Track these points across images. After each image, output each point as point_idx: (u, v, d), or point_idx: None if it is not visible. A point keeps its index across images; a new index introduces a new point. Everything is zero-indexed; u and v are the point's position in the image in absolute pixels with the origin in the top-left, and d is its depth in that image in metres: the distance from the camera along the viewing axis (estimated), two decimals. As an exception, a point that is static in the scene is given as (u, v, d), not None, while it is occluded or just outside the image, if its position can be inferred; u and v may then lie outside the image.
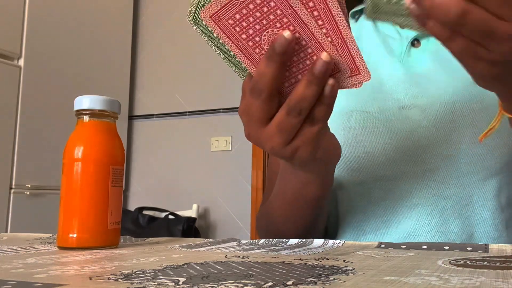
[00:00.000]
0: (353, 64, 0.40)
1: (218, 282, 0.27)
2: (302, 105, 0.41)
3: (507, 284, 0.26)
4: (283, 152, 0.45)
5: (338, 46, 0.40)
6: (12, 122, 2.19)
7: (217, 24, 0.40)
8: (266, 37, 0.40)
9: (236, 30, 0.40)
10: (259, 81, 0.41)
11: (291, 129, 0.42)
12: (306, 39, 0.40)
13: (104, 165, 0.48)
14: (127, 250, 0.46)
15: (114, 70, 2.79)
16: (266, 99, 0.42)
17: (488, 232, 0.59)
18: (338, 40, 0.39)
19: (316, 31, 0.39)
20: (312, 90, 0.40)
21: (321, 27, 0.39)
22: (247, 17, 0.39)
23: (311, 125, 0.43)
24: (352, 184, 0.64)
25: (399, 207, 0.61)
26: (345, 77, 0.42)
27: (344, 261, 0.36)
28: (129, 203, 2.91)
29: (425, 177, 0.60)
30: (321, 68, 0.39)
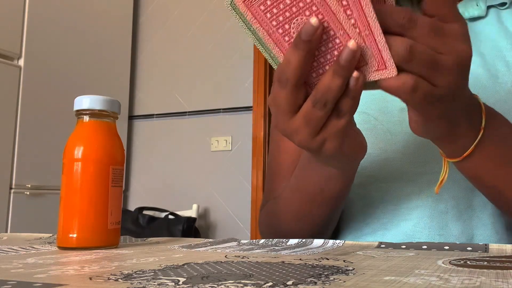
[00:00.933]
0: (380, 57, 0.40)
1: (218, 282, 0.27)
2: (328, 97, 0.40)
3: (507, 284, 0.26)
4: (310, 144, 0.44)
5: (366, 38, 0.39)
6: (12, 122, 2.19)
7: (249, 9, 0.40)
8: (295, 25, 0.40)
9: (267, 16, 0.40)
10: (285, 70, 0.40)
11: (317, 121, 0.42)
12: (334, 29, 0.39)
13: (104, 165, 0.48)
14: (127, 250, 0.46)
15: (114, 70, 2.79)
16: (292, 89, 0.41)
17: (489, 235, 0.59)
18: (366, 31, 0.39)
19: (344, 21, 0.39)
20: (338, 81, 0.39)
21: (349, 17, 0.38)
22: (278, 3, 0.39)
23: (337, 118, 0.42)
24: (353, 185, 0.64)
25: (398, 209, 0.61)
26: (372, 70, 0.41)
27: (344, 261, 0.36)
28: (129, 203, 2.91)
29: (425, 179, 0.60)
30: (347, 57, 0.38)
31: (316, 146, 0.44)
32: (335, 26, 0.39)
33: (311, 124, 0.42)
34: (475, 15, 0.64)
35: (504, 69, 0.61)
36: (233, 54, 2.72)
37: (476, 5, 0.65)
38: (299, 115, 0.42)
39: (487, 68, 0.61)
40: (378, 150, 0.62)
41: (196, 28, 2.87)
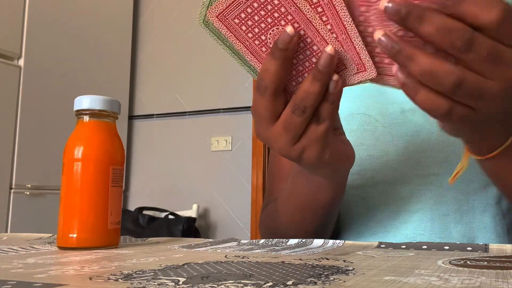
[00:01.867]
0: (358, 60, 0.40)
1: (218, 282, 0.27)
2: (307, 102, 0.40)
3: (507, 284, 0.26)
4: (290, 152, 0.44)
5: (343, 42, 0.39)
6: (12, 122, 2.19)
7: (224, 23, 0.40)
8: (271, 35, 0.40)
9: (242, 29, 0.40)
10: (263, 78, 0.40)
11: (297, 127, 0.42)
12: (311, 36, 0.40)
13: (104, 165, 0.48)
14: (127, 250, 0.46)
15: (114, 70, 2.79)
16: (271, 97, 0.41)
17: (490, 238, 0.59)
18: (343, 36, 0.39)
19: (321, 28, 0.39)
20: (316, 86, 0.39)
21: (326, 23, 0.39)
22: (252, 15, 0.39)
23: (316, 124, 0.42)
24: (352, 187, 0.64)
25: (399, 212, 0.61)
26: (351, 74, 0.41)
27: (344, 261, 0.36)
28: (129, 203, 2.91)
29: (426, 182, 0.60)
30: (325, 62, 0.38)
31: (296, 153, 0.44)
32: (312, 33, 0.39)
33: (291, 131, 0.42)
34: None
35: None
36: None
37: None
38: (279, 122, 0.42)
39: None
40: (379, 152, 0.61)
41: (196, 28, 2.87)
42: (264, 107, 0.42)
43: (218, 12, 0.40)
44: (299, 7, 0.38)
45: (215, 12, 0.40)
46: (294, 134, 0.42)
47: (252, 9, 0.39)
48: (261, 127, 0.43)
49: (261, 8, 0.39)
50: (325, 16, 0.38)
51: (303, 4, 0.38)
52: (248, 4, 0.39)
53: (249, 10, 0.39)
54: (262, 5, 0.39)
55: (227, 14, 0.40)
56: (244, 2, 0.39)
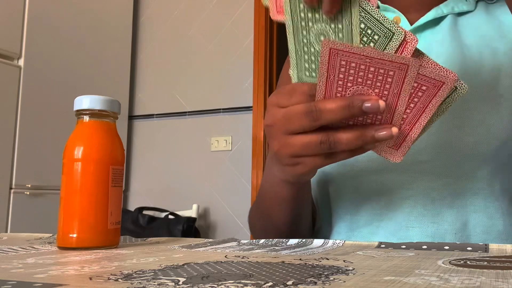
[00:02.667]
0: (399, 144, 0.43)
1: (218, 282, 0.27)
2: (338, 147, 0.42)
3: (507, 284, 0.26)
4: (284, 159, 0.46)
5: (404, 126, 0.42)
6: (12, 122, 2.19)
7: (330, 55, 0.40)
8: (355, 89, 0.41)
9: (340, 70, 0.41)
10: (324, 113, 0.42)
11: (312, 152, 0.44)
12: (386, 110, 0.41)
13: (104, 165, 0.48)
14: (127, 250, 0.46)
15: (114, 70, 2.79)
16: (315, 126, 0.43)
17: (482, 220, 0.59)
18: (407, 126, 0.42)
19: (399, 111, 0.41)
20: (359, 143, 0.42)
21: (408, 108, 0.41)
22: (359, 71, 0.40)
23: (326, 158, 0.45)
24: (344, 178, 0.65)
25: (391, 199, 0.62)
26: (384, 145, 0.44)
27: (344, 261, 0.36)
28: (129, 203, 2.91)
29: (417, 169, 0.61)
30: (384, 137, 0.41)
31: (289, 163, 0.46)
32: (388, 110, 0.41)
33: (304, 151, 0.44)
34: (464, 9, 0.65)
35: (490, 56, 0.62)
36: (233, 54, 2.72)
37: (465, 0, 0.66)
38: (301, 139, 0.44)
39: (473, 58, 0.62)
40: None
41: (196, 28, 2.87)
42: (300, 125, 0.43)
43: (334, 47, 0.39)
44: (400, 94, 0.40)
45: (332, 45, 0.39)
46: (304, 154, 0.44)
47: (365, 67, 0.39)
48: (280, 129, 0.45)
49: (373, 73, 0.39)
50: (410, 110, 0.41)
51: (406, 95, 0.40)
52: (367, 65, 0.39)
53: (363, 67, 0.39)
54: (377, 73, 0.39)
55: (341, 54, 0.39)
56: (365, 60, 0.39)
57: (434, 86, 0.39)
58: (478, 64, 0.61)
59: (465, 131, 0.58)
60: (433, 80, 0.39)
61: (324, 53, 0.40)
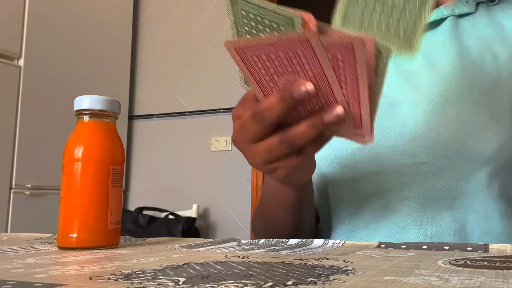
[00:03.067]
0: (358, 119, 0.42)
1: (218, 282, 0.27)
2: (298, 142, 0.43)
3: (507, 284, 0.26)
4: (262, 168, 0.47)
5: (352, 107, 0.41)
6: (12, 122, 2.19)
7: (240, 55, 0.40)
8: (283, 79, 0.41)
9: (257, 65, 0.40)
10: (265, 113, 0.42)
11: (279, 155, 0.44)
12: (323, 92, 0.41)
13: (104, 165, 0.48)
14: (127, 250, 0.46)
15: (114, 70, 2.79)
16: (265, 128, 0.43)
17: (480, 222, 0.59)
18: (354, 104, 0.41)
19: (337, 91, 0.40)
20: (314, 132, 0.42)
21: (343, 88, 0.40)
22: (273, 60, 0.39)
23: (297, 155, 0.45)
24: (343, 180, 0.65)
25: (390, 201, 0.62)
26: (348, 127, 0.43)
27: (344, 261, 0.36)
28: (129, 203, 2.91)
29: (415, 171, 0.61)
30: (332, 119, 0.41)
31: (268, 170, 0.47)
32: (326, 90, 0.40)
33: (271, 155, 0.44)
34: (464, 11, 0.65)
35: (490, 60, 0.62)
36: (233, 54, 2.72)
37: (466, 2, 0.66)
38: (263, 144, 0.44)
39: (473, 61, 0.62)
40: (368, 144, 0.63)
41: (196, 28, 2.87)
42: (253, 131, 0.43)
43: (237, 46, 0.39)
44: (324, 71, 0.39)
45: (233, 45, 0.39)
46: (273, 158, 0.45)
47: (275, 56, 0.39)
48: (242, 140, 0.46)
49: (285, 58, 0.39)
50: (345, 84, 0.40)
51: (329, 70, 0.39)
52: (274, 51, 0.38)
53: (272, 55, 0.39)
54: (287, 56, 0.39)
55: (247, 51, 0.39)
56: (270, 48, 0.38)
57: (346, 51, 0.37)
58: (478, 67, 0.62)
59: (464, 133, 0.58)
60: (341, 46, 0.37)
61: (234, 55, 0.40)
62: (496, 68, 0.61)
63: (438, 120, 0.60)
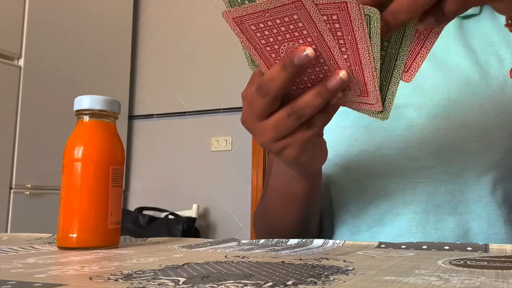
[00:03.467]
0: (364, 86, 0.41)
1: (218, 282, 0.27)
2: (305, 112, 0.42)
3: (507, 284, 0.26)
4: (271, 146, 0.45)
5: (355, 72, 0.40)
6: (12, 122, 2.19)
7: (238, 26, 0.40)
8: (285, 48, 0.40)
9: (256, 35, 0.40)
10: (269, 84, 0.41)
11: (287, 129, 0.43)
12: (324, 57, 0.40)
13: (104, 165, 0.48)
14: (127, 250, 0.46)
15: (114, 70, 2.79)
16: (270, 101, 0.42)
17: (484, 228, 0.59)
18: (356, 68, 0.40)
19: (338, 55, 0.40)
20: (319, 101, 0.41)
21: (343, 53, 0.39)
22: (271, 28, 0.39)
23: (306, 129, 0.44)
24: (347, 181, 0.65)
25: (394, 204, 0.62)
26: (355, 95, 0.43)
27: (344, 261, 0.36)
28: (129, 203, 2.91)
29: (419, 175, 0.61)
30: (336, 85, 0.40)
31: (278, 149, 0.45)
32: (327, 56, 0.40)
33: (280, 131, 0.43)
34: (469, 13, 0.65)
35: (496, 64, 0.61)
36: (233, 54, 2.72)
37: None
38: (271, 120, 0.43)
39: (479, 64, 0.61)
40: (373, 147, 0.62)
41: (196, 28, 2.87)
42: (260, 106, 0.43)
43: (235, 16, 0.39)
44: (322, 35, 0.38)
45: (231, 15, 0.39)
46: (282, 133, 0.44)
47: (273, 23, 0.38)
48: (250, 118, 0.44)
49: (283, 25, 0.38)
50: (345, 48, 0.39)
51: (326, 32, 0.38)
52: (270, 18, 0.38)
53: (270, 23, 0.38)
54: (284, 23, 0.38)
55: (245, 20, 0.39)
56: (266, 16, 0.38)
57: (341, 10, 0.37)
58: (484, 71, 0.61)
59: (469, 138, 0.58)
60: (334, 5, 0.36)
61: (233, 26, 0.39)
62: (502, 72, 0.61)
63: (443, 124, 0.60)
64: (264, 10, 0.37)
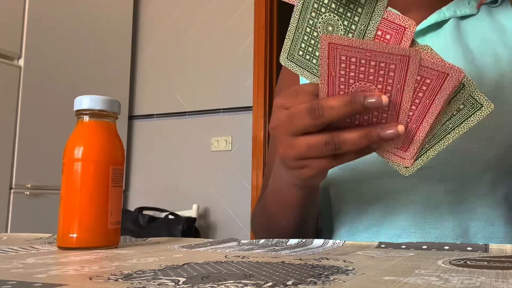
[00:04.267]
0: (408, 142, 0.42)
1: (218, 282, 0.27)
2: (345, 147, 0.42)
3: (507, 284, 0.26)
4: (291, 162, 0.45)
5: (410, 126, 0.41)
6: (12, 122, 2.19)
7: (330, 50, 0.39)
8: (358, 85, 0.40)
9: (341, 66, 0.40)
10: (325, 110, 0.41)
11: (318, 154, 0.43)
12: (389, 106, 0.40)
13: (104, 165, 0.48)
14: (127, 250, 0.46)
15: (114, 70, 2.79)
16: (318, 125, 0.42)
17: (483, 227, 0.59)
18: (413, 124, 0.41)
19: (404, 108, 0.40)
20: (365, 143, 0.41)
21: (411, 110, 0.40)
22: (360, 66, 0.39)
23: (333, 159, 0.44)
24: (346, 182, 0.64)
25: (392, 204, 0.62)
26: (392, 146, 0.43)
27: (344, 261, 0.36)
28: (129, 203, 2.91)
29: (418, 174, 0.60)
30: (389, 136, 0.40)
31: (296, 166, 0.45)
32: (393, 105, 0.40)
33: (310, 152, 0.43)
34: (466, 13, 0.65)
35: (493, 63, 0.61)
36: (233, 54, 2.72)
37: (468, 3, 0.65)
38: (305, 140, 0.43)
39: (475, 63, 0.61)
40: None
41: (196, 28, 2.87)
42: (303, 124, 0.42)
43: (332, 41, 0.38)
44: (404, 88, 0.39)
45: (328, 39, 0.38)
46: (310, 155, 0.43)
47: (366, 62, 0.38)
48: (284, 130, 0.44)
49: (374, 67, 0.38)
50: (415, 106, 0.40)
51: (409, 88, 0.38)
52: (367, 58, 0.38)
53: (363, 61, 0.38)
54: (378, 67, 0.38)
55: (341, 49, 0.39)
56: (366, 54, 0.38)
57: (438, 78, 0.37)
58: (481, 70, 0.61)
59: (468, 137, 0.58)
60: (436, 72, 0.37)
61: (324, 48, 0.39)
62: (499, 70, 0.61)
63: None
64: (368, 49, 0.37)
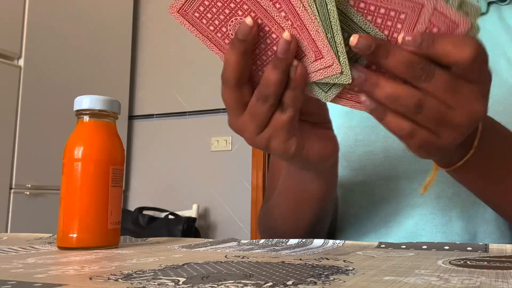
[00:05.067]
0: (315, 46, 0.39)
1: (218, 282, 0.27)
2: (269, 90, 0.40)
3: (507, 284, 0.26)
4: (257, 141, 0.44)
5: (299, 29, 0.39)
6: (12, 122, 2.19)
7: (185, 18, 0.40)
8: (231, 27, 0.40)
9: (203, 22, 0.40)
10: (226, 69, 0.40)
11: (262, 116, 0.42)
12: (268, 24, 0.39)
13: (104, 165, 0.48)
14: (127, 250, 0.46)
15: (114, 70, 2.79)
16: (234, 88, 0.41)
17: (491, 232, 0.59)
18: (297, 22, 0.39)
19: (276, 15, 0.39)
20: (277, 73, 0.39)
21: (279, 10, 0.38)
22: (210, 8, 0.39)
23: (281, 113, 0.42)
24: (353, 183, 0.64)
25: (401, 207, 0.61)
26: (311, 61, 0.40)
27: (344, 261, 0.36)
28: (129, 203, 2.91)
29: (427, 177, 0.60)
30: (282, 48, 0.38)
31: (263, 142, 0.44)
32: (269, 21, 0.39)
33: (256, 120, 0.42)
34: None
35: (505, 65, 0.61)
36: (233, 54, 2.72)
37: (477, 2, 0.65)
38: (246, 111, 0.42)
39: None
40: (379, 148, 0.62)
41: (196, 28, 2.87)
42: (229, 97, 0.42)
43: (178, 7, 0.39)
44: (264, 7, 0.38)
45: (175, 7, 0.39)
46: (259, 123, 0.42)
47: (209, 2, 0.39)
48: (231, 116, 0.44)
49: (218, 0, 0.38)
50: (278, 3, 0.38)
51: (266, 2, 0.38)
52: None
53: (207, 2, 0.39)
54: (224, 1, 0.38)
55: (187, 8, 0.39)
56: None
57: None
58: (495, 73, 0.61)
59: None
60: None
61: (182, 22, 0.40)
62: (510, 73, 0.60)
63: None
64: None
